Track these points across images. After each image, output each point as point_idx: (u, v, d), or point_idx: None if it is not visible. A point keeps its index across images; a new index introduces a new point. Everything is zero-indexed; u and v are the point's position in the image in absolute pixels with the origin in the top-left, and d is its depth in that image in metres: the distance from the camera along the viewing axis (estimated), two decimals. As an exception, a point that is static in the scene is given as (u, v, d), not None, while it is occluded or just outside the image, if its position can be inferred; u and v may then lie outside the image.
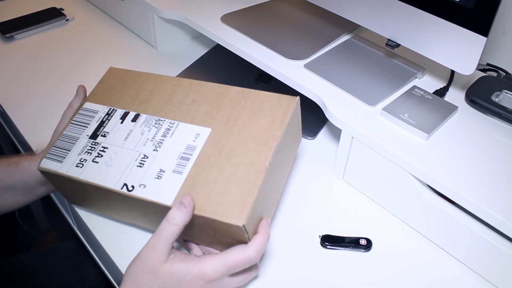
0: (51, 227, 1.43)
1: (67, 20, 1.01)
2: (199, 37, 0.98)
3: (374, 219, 0.63)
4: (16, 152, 1.27)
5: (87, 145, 0.55)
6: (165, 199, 0.48)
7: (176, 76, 0.85)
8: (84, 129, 0.57)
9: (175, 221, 0.45)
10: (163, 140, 0.53)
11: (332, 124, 0.64)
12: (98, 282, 0.81)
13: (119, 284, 0.47)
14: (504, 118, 0.61)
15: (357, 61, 0.71)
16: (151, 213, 0.52)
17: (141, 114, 0.56)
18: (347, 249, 0.59)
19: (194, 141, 0.52)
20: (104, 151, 0.54)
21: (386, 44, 0.64)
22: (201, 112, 0.55)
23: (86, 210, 0.62)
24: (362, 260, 0.58)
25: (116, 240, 0.59)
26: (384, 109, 0.62)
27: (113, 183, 0.51)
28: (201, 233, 0.51)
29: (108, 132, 0.56)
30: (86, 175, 0.52)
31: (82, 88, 0.61)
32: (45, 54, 0.92)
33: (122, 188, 0.50)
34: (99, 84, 0.62)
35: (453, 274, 0.56)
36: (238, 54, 0.75)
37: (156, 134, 0.54)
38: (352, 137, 0.62)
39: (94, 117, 0.58)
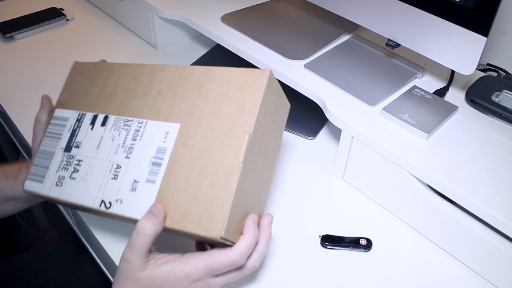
0: (51, 227, 1.43)
1: (67, 20, 1.01)
2: (199, 37, 0.98)
3: (374, 219, 0.63)
4: (16, 152, 1.27)
5: (63, 159, 0.53)
6: (140, 214, 0.46)
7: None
8: (58, 141, 0.55)
9: (145, 231, 0.44)
10: (133, 144, 0.50)
11: (332, 124, 0.64)
12: (98, 282, 0.81)
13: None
14: (504, 118, 0.61)
15: (357, 61, 0.71)
16: (133, 223, 0.50)
17: (109, 116, 0.53)
18: (347, 249, 0.59)
19: (164, 141, 0.48)
20: (79, 165, 0.52)
21: (386, 44, 0.64)
22: (167, 104, 0.50)
23: (83, 216, 0.62)
24: (362, 260, 0.58)
25: (116, 240, 0.59)
26: (384, 109, 0.62)
27: (91, 201, 0.49)
28: (187, 236, 0.49)
29: (80, 142, 0.53)
30: (66, 194, 0.51)
31: (46, 99, 0.59)
32: (45, 54, 0.92)
33: (100, 206, 0.49)
34: (66, 85, 0.60)
35: (453, 274, 0.56)
36: (238, 54, 0.75)
37: (126, 138, 0.51)
38: (352, 137, 0.62)
39: (65, 125, 0.56)
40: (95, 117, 0.54)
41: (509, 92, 0.64)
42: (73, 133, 0.55)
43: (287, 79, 0.69)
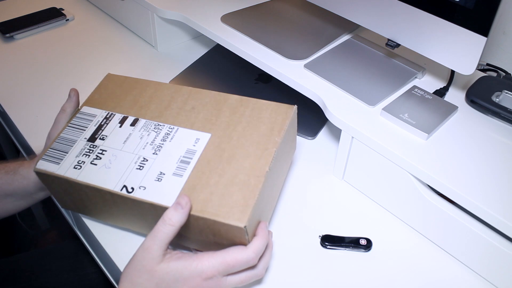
0: (51, 227, 1.43)
1: (67, 20, 1.01)
2: (199, 37, 0.98)
3: (374, 219, 0.63)
4: (16, 152, 1.27)
5: (85, 147, 0.54)
6: (166, 201, 0.48)
7: (176, 76, 0.86)
8: (82, 132, 0.56)
9: (171, 222, 0.45)
10: (162, 144, 0.53)
11: (332, 124, 0.64)
12: (98, 282, 0.81)
13: (118, 284, 0.47)
14: (504, 118, 0.61)
15: (357, 61, 0.71)
16: (149, 216, 0.51)
17: (140, 118, 0.57)
18: (347, 249, 0.59)
19: (194, 145, 0.52)
20: (103, 154, 0.53)
21: (386, 44, 0.64)
22: (200, 119, 0.55)
23: (83, 216, 0.62)
24: (362, 260, 0.58)
25: (116, 240, 0.59)
26: (384, 109, 0.62)
27: (112, 184, 0.50)
28: (200, 236, 0.51)
29: (106, 136, 0.55)
30: (84, 176, 0.52)
31: (74, 92, 0.61)
32: (45, 54, 0.92)
33: (121, 190, 0.50)
34: (97, 89, 0.62)
35: (453, 274, 0.56)
36: (238, 54, 0.75)
37: (155, 138, 0.54)
38: (352, 137, 0.62)
39: (92, 120, 0.57)
40: (124, 118, 0.57)
41: (509, 92, 0.64)
42: (99, 127, 0.56)
43: (287, 79, 0.69)
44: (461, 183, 0.53)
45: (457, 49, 0.56)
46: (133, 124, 0.56)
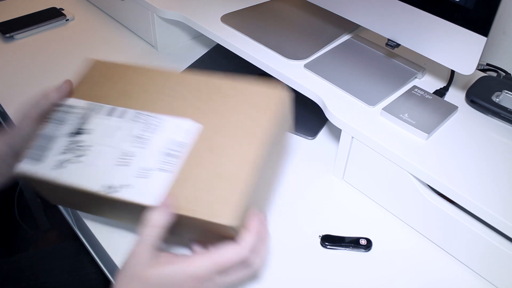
0: (51, 227, 1.43)
1: (67, 20, 1.01)
2: (199, 37, 0.98)
3: (374, 219, 0.63)
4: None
5: (68, 144, 0.52)
6: (150, 200, 0.46)
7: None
8: (64, 127, 0.54)
9: (156, 223, 0.43)
10: (149, 136, 0.51)
11: (332, 124, 0.64)
12: (98, 282, 0.81)
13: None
14: (504, 118, 0.61)
15: (357, 61, 0.71)
16: (137, 213, 0.50)
17: (127, 109, 0.54)
18: (347, 249, 0.59)
19: (182, 136, 0.50)
20: (86, 150, 0.51)
21: (386, 44, 0.64)
22: (189, 106, 0.53)
23: (82, 216, 0.62)
24: (362, 260, 0.58)
25: (116, 240, 0.59)
26: (384, 109, 0.62)
27: (96, 185, 0.48)
28: (191, 233, 0.50)
29: (90, 129, 0.53)
30: (67, 177, 0.49)
31: (68, 84, 0.57)
32: (45, 54, 0.92)
33: (105, 190, 0.48)
34: (83, 79, 0.59)
35: (453, 274, 0.56)
36: (238, 54, 0.75)
37: (142, 130, 0.52)
38: (352, 137, 0.62)
39: (75, 113, 0.55)
40: (111, 109, 0.54)
41: (509, 92, 0.64)
42: (84, 121, 0.53)
43: (287, 79, 0.69)
44: (461, 183, 0.53)
45: (457, 49, 0.56)
46: (120, 115, 0.53)
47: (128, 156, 0.49)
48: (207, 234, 0.48)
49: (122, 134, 0.51)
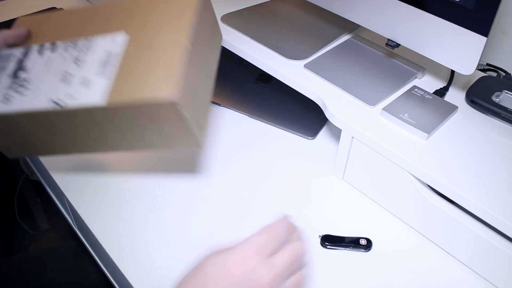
0: (51, 227, 1.43)
1: (67, 20, 1.01)
2: (199, 37, 0.98)
3: (374, 219, 0.63)
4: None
5: (9, 82, 0.54)
6: (97, 101, 0.48)
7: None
8: (3, 71, 0.56)
9: None
10: (83, 56, 0.53)
11: (332, 124, 0.64)
12: (98, 282, 0.81)
13: (119, 284, 0.47)
14: (504, 118, 0.61)
15: (357, 61, 0.71)
16: (92, 128, 0.52)
17: (56, 42, 0.56)
18: (347, 249, 0.59)
19: (112, 47, 0.53)
20: (27, 81, 0.53)
21: (386, 44, 0.64)
22: (114, 23, 0.56)
23: (82, 216, 0.62)
24: (362, 260, 0.58)
25: (116, 240, 0.59)
26: (384, 109, 0.62)
27: (42, 104, 0.50)
28: (142, 132, 0.52)
29: (28, 66, 0.55)
30: (14, 106, 0.51)
31: (26, 31, 0.59)
32: (45, 54, 0.92)
33: (53, 105, 0.50)
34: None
35: (453, 274, 0.56)
36: (238, 54, 0.75)
37: (74, 53, 0.54)
38: (352, 137, 0.62)
39: (10, 58, 0.57)
40: (42, 46, 0.57)
41: (509, 92, 0.64)
42: (20, 62, 0.56)
43: (287, 79, 0.69)
44: (461, 183, 0.53)
45: (457, 49, 0.56)
46: (51, 49, 0.56)
47: (68, 75, 0.52)
48: (153, 126, 0.51)
49: (58, 62, 0.54)
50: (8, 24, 0.96)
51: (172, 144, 0.53)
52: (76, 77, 0.51)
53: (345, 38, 0.76)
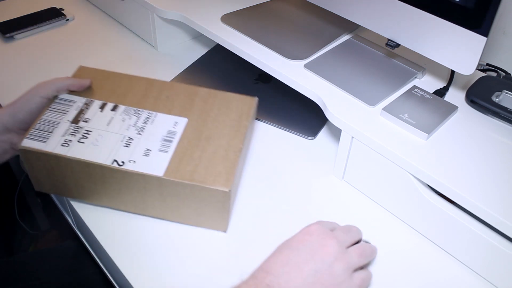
0: (51, 227, 1.43)
1: (67, 20, 1.01)
2: (199, 37, 0.98)
3: (374, 219, 0.63)
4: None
5: (70, 128, 0.57)
6: (155, 171, 0.53)
7: (176, 76, 0.86)
8: (64, 115, 0.59)
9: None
10: (144, 126, 0.58)
11: (332, 124, 0.64)
12: (98, 282, 0.81)
13: (119, 284, 0.47)
14: (504, 118, 0.61)
15: (357, 61, 0.71)
16: (134, 190, 0.55)
17: (119, 105, 0.61)
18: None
19: (174, 127, 0.59)
20: (88, 134, 0.56)
21: (386, 44, 0.64)
22: (176, 106, 0.62)
23: (82, 216, 0.62)
24: (362, 260, 0.58)
25: (116, 240, 0.59)
26: (384, 109, 0.62)
27: (102, 159, 0.54)
28: (181, 205, 0.55)
29: (89, 118, 0.58)
30: (73, 153, 0.54)
31: (89, 82, 0.63)
32: (45, 54, 0.92)
33: (112, 163, 0.53)
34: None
35: (453, 274, 0.56)
36: (238, 54, 0.75)
37: (137, 121, 0.59)
38: (352, 137, 0.62)
39: (72, 105, 0.60)
40: (104, 104, 0.61)
41: (509, 92, 0.64)
42: (81, 112, 0.60)
43: (287, 79, 0.69)
44: (461, 183, 0.53)
45: (457, 49, 0.56)
46: (113, 109, 0.60)
47: (130, 140, 0.56)
48: (196, 207, 0.55)
49: (118, 123, 0.58)
50: (8, 24, 0.97)
51: (202, 223, 0.58)
52: (138, 144, 0.56)
53: (345, 38, 0.76)
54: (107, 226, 0.61)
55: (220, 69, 0.88)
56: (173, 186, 0.53)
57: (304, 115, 0.78)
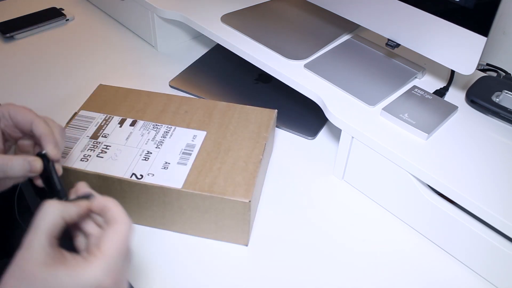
0: (51, 227, 1.42)
1: (67, 20, 1.01)
2: (199, 37, 0.98)
3: (374, 219, 0.63)
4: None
5: (89, 143, 0.58)
6: (174, 184, 0.53)
7: (176, 76, 0.86)
8: (83, 131, 0.60)
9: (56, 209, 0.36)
10: (163, 140, 0.59)
11: (332, 124, 0.64)
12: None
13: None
14: (504, 118, 0.61)
15: (357, 61, 0.71)
16: (154, 204, 0.55)
17: (138, 120, 0.62)
18: (347, 249, 0.59)
19: (193, 140, 0.59)
20: (107, 149, 0.57)
21: (386, 44, 0.64)
22: (194, 120, 0.63)
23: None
24: (362, 260, 0.58)
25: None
26: (384, 109, 0.62)
27: (121, 172, 0.54)
28: (200, 218, 0.55)
29: (108, 134, 0.59)
30: (92, 167, 0.55)
31: (58, 156, 0.46)
32: (45, 54, 0.92)
33: (131, 177, 0.53)
34: (91, 97, 0.66)
35: (453, 274, 0.56)
36: (238, 54, 0.75)
37: (155, 135, 0.60)
38: (352, 137, 0.62)
39: (91, 122, 0.62)
40: (123, 119, 0.62)
41: (509, 92, 0.64)
42: (100, 128, 0.61)
43: (287, 79, 0.69)
44: (461, 183, 0.53)
45: (457, 49, 0.56)
46: (132, 124, 0.61)
47: (148, 154, 0.57)
48: (216, 220, 0.55)
49: (137, 138, 0.59)
50: (8, 24, 0.97)
51: (222, 237, 0.57)
52: (157, 158, 0.56)
53: (345, 38, 0.76)
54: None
55: (220, 69, 0.88)
56: (192, 199, 0.53)
57: (304, 115, 0.78)
